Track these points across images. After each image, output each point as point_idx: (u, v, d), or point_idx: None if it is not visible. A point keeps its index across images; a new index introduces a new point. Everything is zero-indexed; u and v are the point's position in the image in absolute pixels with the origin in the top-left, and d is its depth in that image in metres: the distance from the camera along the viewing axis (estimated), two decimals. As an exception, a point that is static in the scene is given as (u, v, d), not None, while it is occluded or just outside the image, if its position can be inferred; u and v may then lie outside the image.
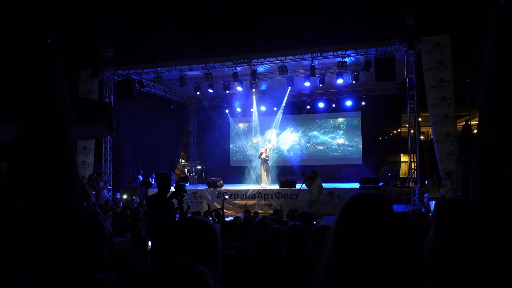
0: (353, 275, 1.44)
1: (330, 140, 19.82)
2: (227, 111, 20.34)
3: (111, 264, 3.96)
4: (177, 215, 5.67)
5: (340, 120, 19.79)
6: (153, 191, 14.26)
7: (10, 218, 2.52)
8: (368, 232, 1.46)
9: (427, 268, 1.51)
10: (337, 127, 19.81)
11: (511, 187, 1.99)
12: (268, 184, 15.54)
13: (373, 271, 1.43)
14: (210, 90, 16.61)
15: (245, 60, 14.87)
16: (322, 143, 19.93)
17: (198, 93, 17.10)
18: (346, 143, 19.62)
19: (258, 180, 16.35)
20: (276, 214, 9.09)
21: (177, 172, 23.45)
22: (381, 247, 1.44)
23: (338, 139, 19.72)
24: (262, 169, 15.73)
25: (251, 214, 9.42)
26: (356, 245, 1.46)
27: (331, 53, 14.09)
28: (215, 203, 14.62)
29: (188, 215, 7.82)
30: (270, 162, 16.12)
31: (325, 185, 15.75)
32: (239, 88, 16.38)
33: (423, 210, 11.14)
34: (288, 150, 19.81)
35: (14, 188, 2.58)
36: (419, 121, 14.62)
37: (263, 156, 15.57)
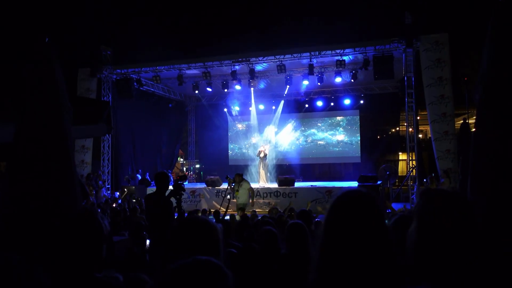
0: (343, 274, 1.45)
1: (329, 137, 19.85)
2: (225, 109, 20.35)
3: (110, 263, 3.97)
4: (176, 214, 5.68)
5: (338, 118, 19.82)
6: (151, 189, 14.25)
7: (9, 218, 2.52)
8: (356, 230, 1.47)
9: (409, 261, 1.50)
10: (336, 126, 19.84)
11: (509, 185, 2.01)
12: (266, 182, 15.55)
13: (363, 269, 1.43)
14: (209, 89, 16.61)
15: (244, 59, 14.87)
16: (320, 141, 19.95)
17: (196, 91, 17.11)
18: (345, 141, 19.65)
19: (257, 179, 16.39)
20: (271, 213, 9.09)
21: (176, 171, 23.46)
22: (369, 244, 1.45)
23: (337, 137, 19.75)
24: (261, 168, 15.75)
25: (250, 213, 9.42)
26: (344, 243, 1.46)
27: (330, 52, 14.09)
28: (214, 202, 14.64)
29: (186, 214, 7.83)
30: (268, 160, 16.11)
31: (323, 184, 15.82)
32: (238, 87, 16.39)
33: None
34: (286, 149, 19.81)
35: (12, 188, 2.58)
36: (417, 119, 14.63)
37: (262, 154, 15.60)
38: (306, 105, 19.42)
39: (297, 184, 15.37)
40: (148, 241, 5.72)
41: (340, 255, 1.47)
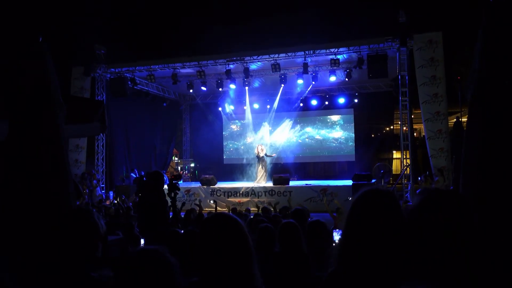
0: (363, 265, 1.54)
1: (323, 137, 19.89)
2: (220, 108, 20.33)
3: (105, 262, 3.96)
4: (171, 213, 5.69)
5: (332, 117, 19.86)
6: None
7: (3, 217, 2.51)
8: (376, 225, 1.57)
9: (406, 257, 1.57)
10: (330, 124, 19.89)
11: (499, 183, 2.03)
12: (261, 182, 15.60)
13: (383, 262, 1.53)
14: (203, 88, 16.60)
15: (238, 58, 14.86)
16: (315, 140, 20.00)
17: (191, 90, 17.07)
18: (339, 140, 19.70)
19: (252, 178, 16.54)
20: (265, 212, 9.08)
21: (170, 170, 23.43)
22: (389, 238, 1.55)
23: (331, 136, 19.80)
24: (259, 167, 15.84)
25: (243, 212, 9.41)
26: (365, 237, 1.56)
27: (324, 51, 14.11)
28: (209, 201, 14.64)
29: (182, 213, 7.83)
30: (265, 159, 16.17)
31: (318, 182, 15.90)
32: (232, 86, 16.38)
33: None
34: (281, 148, 19.83)
35: (6, 187, 2.58)
36: (411, 118, 14.70)
37: (261, 154, 15.70)
38: (301, 104, 19.42)
39: (292, 183, 15.40)
40: (142, 240, 5.72)
41: (362, 247, 1.56)
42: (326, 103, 19.21)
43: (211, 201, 11.72)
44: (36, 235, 2.37)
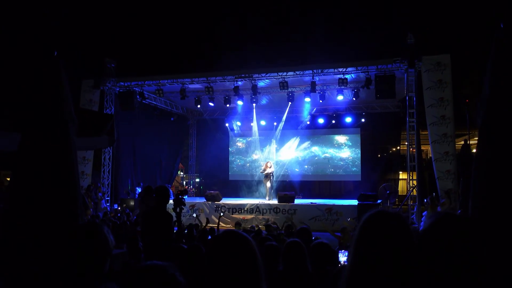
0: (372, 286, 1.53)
1: (329, 156, 19.84)
2: (227, 124, 20.40)
3: (108, 276, 3.95)
4: (175, 228, 5.67)
5: (339, 136, 19.84)
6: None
7: (12, 227, 2.52)
8: (387, 248, 1.56)
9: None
10: (337, 143, 19.86)
11: (509, 207, 2.02)
12: (268, 199, 15.58)
13: (393, 285, 1.52)
14: (211, 104, 16.66)
15: (246, 75, 14.94)
16: (321, 159, 19.95)
17: (198, 106, 17.15)
18: (345, 159, 19.65)
19: (257, 195, 16.56)
20: (268, 230, 9.04)
21: (175, 185, 23.41)
22: (399, 261, 1.54)
23: (337, 155, 19.75)
24: (268, 184, 15.86)
25: (249, 228, 9.38)
26: (376, 260, 1.55)
27: (332, 70, 14.15)
28: (213, 217, 14.59)
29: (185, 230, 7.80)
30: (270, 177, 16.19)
31: (323, 201, 15.83)
32: (240, 102, 16.46)
33: (420, 228, 11.10)
34: (287, 165, 19.80)
35: (16, 197, 2.59)
36: (419, 139, 14.65)
37: (268, 171, 15.71)
38: (308, 122, 19.44)
39: (297, 201, 15.34)
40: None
41: (370, 271, 1.55)
42: (333, 122, 19.21)
43: (221, 213, 11.67)
44: (45, 249, 2.37)
